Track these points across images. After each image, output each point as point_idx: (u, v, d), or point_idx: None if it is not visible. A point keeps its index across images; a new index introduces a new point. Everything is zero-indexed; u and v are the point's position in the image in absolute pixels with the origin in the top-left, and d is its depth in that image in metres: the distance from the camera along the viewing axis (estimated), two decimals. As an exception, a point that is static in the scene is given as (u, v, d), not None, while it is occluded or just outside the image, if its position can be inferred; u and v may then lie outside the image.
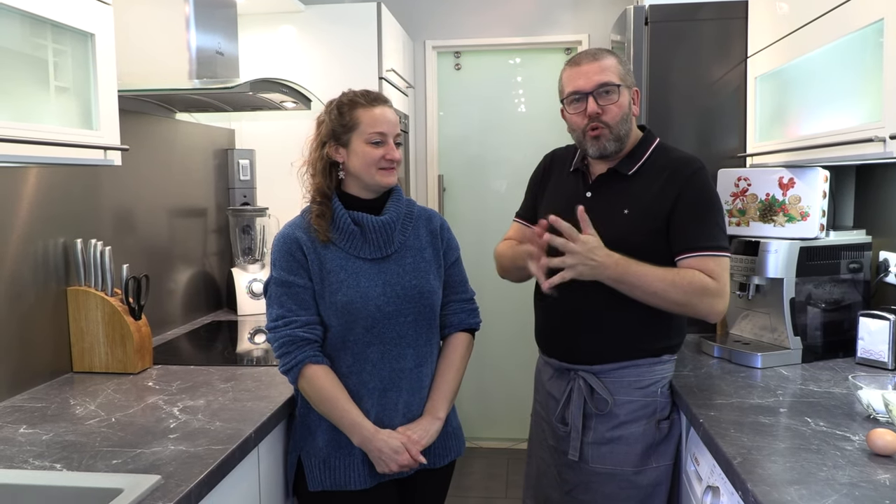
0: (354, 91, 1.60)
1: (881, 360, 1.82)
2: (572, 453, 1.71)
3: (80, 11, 1.48)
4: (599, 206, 1.68)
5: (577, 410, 1.70)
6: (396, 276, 1.58)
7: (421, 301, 1.59)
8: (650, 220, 1.63)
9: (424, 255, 1.63)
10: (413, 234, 1.64)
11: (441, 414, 1.61)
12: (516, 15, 3.57)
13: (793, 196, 1.98)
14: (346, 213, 1.57)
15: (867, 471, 1.21)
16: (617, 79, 1.64)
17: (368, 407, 1.56)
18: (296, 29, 2.93)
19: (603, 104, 1.63)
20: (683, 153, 1.71)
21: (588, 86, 1.64)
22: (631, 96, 1.68)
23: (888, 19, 1.39)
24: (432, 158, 3.71)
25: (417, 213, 1.68)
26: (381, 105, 1.58)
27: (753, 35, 2.17)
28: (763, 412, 1.52)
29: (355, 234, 1.57)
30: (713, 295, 1.56)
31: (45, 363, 1.81)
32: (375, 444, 1.51)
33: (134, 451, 1.33)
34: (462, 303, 1.70)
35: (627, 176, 1.68)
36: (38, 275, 1.79)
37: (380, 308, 1.55)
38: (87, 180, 1.99)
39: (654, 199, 1.63)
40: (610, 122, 1.64)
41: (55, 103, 1.50)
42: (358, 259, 1.57)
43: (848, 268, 1.98)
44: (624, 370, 1.69)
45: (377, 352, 1.56)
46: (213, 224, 2.79)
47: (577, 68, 1.66)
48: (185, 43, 2.11)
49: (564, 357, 1.75)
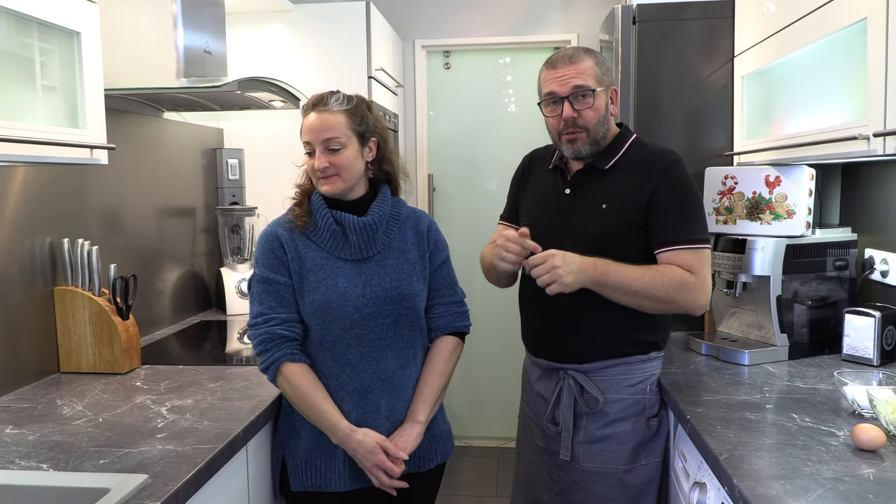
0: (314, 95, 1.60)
1: (867, 356, 1.83)
2: (563, 453, 1.71)
3: (66, 10, 1.47)
4: (578, 202, 1.69)
5: (567, 410, 1.70)
6: (377, 277, 1.56)
7: (401, 303, 1.56)
8: (627, 212, 1.64)
9: (408, 256, 1.61)
10: (398, 236, 1.62)
11: (421, 418, 1.58)
12: (505, 14, 3.57)
13: (779, 194, 2.00)
14: (328, 212, 1.56)
15: (851, 465, 1.22)
16: (593, 82, 1.63)
17: (349, 409, 1.54)
18: (284, 28, 2.93)
19: (579, 108, 1.63)
20: (660, 147, 1.72)
21: (563, 90, 1.63)
22: (609, 96, 1.68)
23: (871, 18, 1.40)
24: (422, 158, 3.72)
25: (405, 215, 1.66)
26: (313, 111, 1.55)
27: (740, 34, 2.18)
28: (750, 408, 1.53)
29: (337, 234, 1.56)
30: (693, 289, 1.57)
31: (31, 363, 1.80)
32: (350, 445, 1.51)
33: (121, 450, 1.33)
34: (449, 305, 1.67)
35: (604, 171, 1.69)
36: (24, 274, 1.78)
37: (358, 309, 1.53)
38: (75, 180, 1.98)
39: (631, 192, 1.64)
40: (587, 126, 1.64)
41: (42, 102, 1.49)
42: (339, 259, 1.56)
43: (834, 265, 1.99)
44: (613, 368, 1.69)
45: (356, 353, 1.54)
46: (202, 224, 2.78)
47: (554, 71, 1.66)
48: (173, 41, 2.10)
49: (553, 357, 1.75)
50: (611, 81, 1.68)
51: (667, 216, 1.61)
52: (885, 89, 1.36)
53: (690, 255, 1.59)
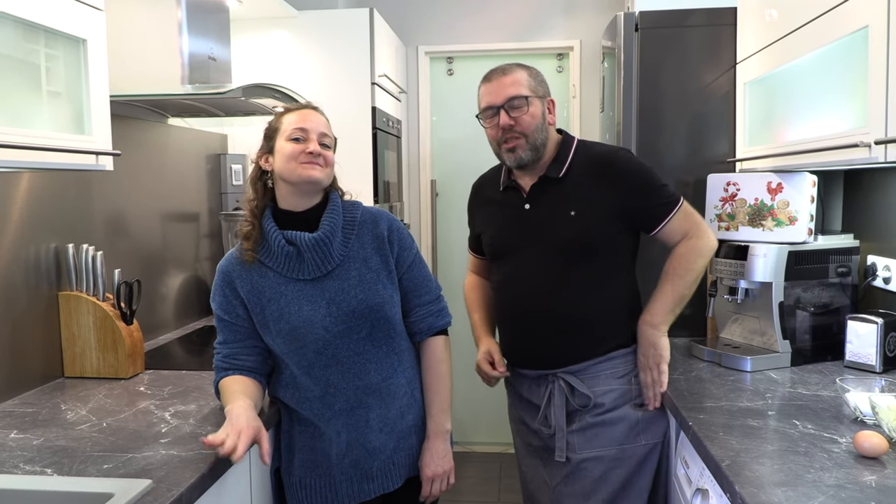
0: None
1: (869, 363, 1.83)
2: (559, 454, 1.73)
3: (73, 17, 1.48)
4: (541, 214, 1.75)
5: (559, 410, 1.73)
6: (341, 292, 1.51)
7: (371, 315, 1.52)
8: (599, 218, 1.70)
9: (370, 264, 1.55)
10: (357, 243, 1.55)
11: (447, 426, 1.62)
12: (508, 21, 3.59)
13: (781, 201, 2.00)
14: (279, 233, 1.50)
15: (854, 472, 1.22)
16: (526, 91, 1.70)
17: (339, 428, 1.54)
18: (289, 34, 2.94)
19: (515, 115, 1.69)
20: (606, 146, 1.82)
21: (498, 100, 1.70)
22: (545, 106, 1.74)
23: (872, 27, 1.41)
24: (425, 163, 3.73)
25: (361, 219, 1.58)
26: (306, 109, 1.57)
27: (742, 41, 2.19)
28: (752, 415, 1.53)
29: (291, 256, 1.50)
30: (702, 246, 1.71)
31: (36, 368, 1.81)
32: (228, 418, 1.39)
33: (125, 455, 1.33)
34: (428, 305, 1.63)
35: (559, 179, 1.73)
36: (29, 280, 1.78)
37: (327, 329, 1.49)
38: (79, 185, 1.99)
39: (599, 198, 1.70)
40: (524, 132, 1.70)
41: (47, 108, 1.50)
42: (298, 281, 1.51)
43: (836, 272, 2.00)
44: (600, 365, 1.73)
45: (337, 373, 1.52)
46: (206, 229, 2.79)
47: (488, 84, 1.73)
48: (178, 48, 2.11)
49: (541, 365, 1.77)
50: (546, 92, 1.76)
51: (646, 203, 1.71)
52: (886, 97, 1.36)
53: (679, 217, 1.71)
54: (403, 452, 1.60)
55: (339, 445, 1.54)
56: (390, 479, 1.58)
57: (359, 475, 1.56)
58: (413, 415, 1.62)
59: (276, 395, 1.61)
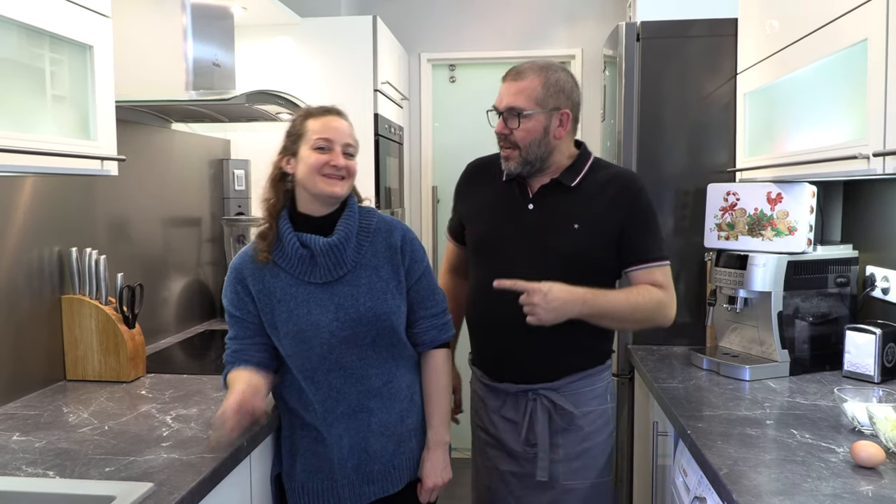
0: (314, 105, 1.60)
1: (867, 373, 1.84)
2: (541, 474, 1.68)
3: (81, 24, 1.50)
4: (546, 219, 1.69)
5: (543, 429, 1.69)
6: (350, 298, 1.51)
7: (377, 324, 1.52)
8: (603, 238, 1.67)
9: (381, 273, 1.55)
10: (370, 251, 1.56)
11: (447, 438, 1.63)
12: (510, 29, 3.61)
13: (781, 211, 2.01)
14: (293, 235, 1.51)
15: (850, 482, 1.23)
16: (528, 103, 1.63)
17: (341, 432, 1.55)
18: (292, 41, 2.96)
19: (511, 126, 1.66)
20: (622, 169, 1.79)
21: (500, 105, 1.68)
22: (552, 120, 1.65)
23: (871, 40, 1.42)
24: (426, 170, 3.74)
25: (376, 227, 1.58)
26: (331, 115, 1.56)
27: (743, 52, 2.20)
28: (750, 424, 1.54)
29: (304, 258, 1.51)
30: (667, 306, 1.67)
31: (38, 371, 1.82)
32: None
33: (126, 458, 1.34)
34: (433, 318, 1.63)
35: (570, 188, 1.69)
36: (32, 283, 1.80)
37: (333, 334, 1.50)
38: (83, 189, 2.01)
39: (604, 216, 1.67)
40: (517, 144, 1.66)
41: (52, 113, 1.51)
42: (308, 284, 1.52)
43: (835, 282, 2.00)
44: (580, 381, 1.71)
45: (339, 378, 1.53)
46: (208, 233, 2.80)
47: (502, 84, 1.70)
48: (182, 54, 2.12)
49: (521, 379, 1.72)
50: (559, 104, 1.65)
51: (640, 238, 1.68)
52: (884, 110, 1.38)
53: (660, 272, 1.68)
54: (404, 456, 1.61)
55: (341, 449, 1.55)
56: (391, 483, 1.59)
57: (360, 479, 1.57)
58: (413, 418, 1.62)
59: (279, 398, 1.62)
